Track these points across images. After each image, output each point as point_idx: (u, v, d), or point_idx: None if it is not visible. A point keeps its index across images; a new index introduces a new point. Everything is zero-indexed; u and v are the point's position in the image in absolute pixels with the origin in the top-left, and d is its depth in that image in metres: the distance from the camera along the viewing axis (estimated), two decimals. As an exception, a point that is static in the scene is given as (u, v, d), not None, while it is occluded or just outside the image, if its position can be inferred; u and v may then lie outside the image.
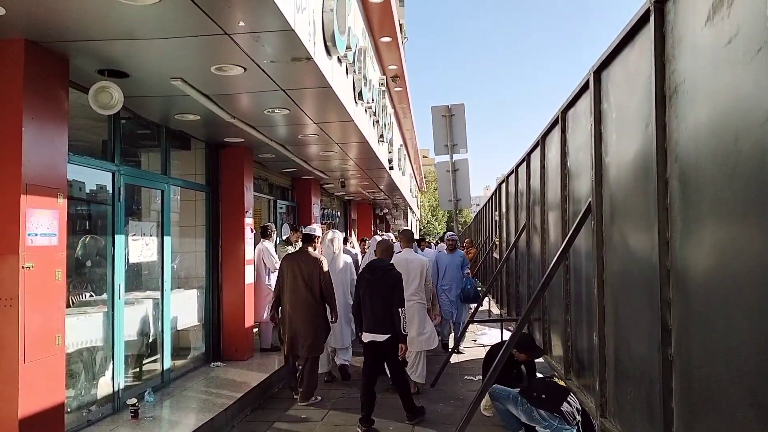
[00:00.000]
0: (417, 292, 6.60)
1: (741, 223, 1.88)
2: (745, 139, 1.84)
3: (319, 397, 6.39)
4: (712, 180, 2.06)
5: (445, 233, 11.14)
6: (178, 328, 6.99)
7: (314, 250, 6.52)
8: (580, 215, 3.73)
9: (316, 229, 6.74)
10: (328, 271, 6.35)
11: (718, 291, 2.01)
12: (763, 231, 1.73)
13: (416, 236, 18.35)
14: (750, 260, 1.80)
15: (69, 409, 4.81)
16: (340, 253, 7.35)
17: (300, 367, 6.39)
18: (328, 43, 4.94)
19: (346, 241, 10.37)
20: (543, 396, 4.51)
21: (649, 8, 2.57)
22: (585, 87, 3.75)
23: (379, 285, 5.49)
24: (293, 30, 3.81)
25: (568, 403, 4.38)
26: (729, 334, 1.95)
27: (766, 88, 1.71)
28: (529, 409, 4.55)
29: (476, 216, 20.85)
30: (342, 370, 7.29)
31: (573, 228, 3.82)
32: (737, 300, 1.89)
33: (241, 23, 3.66)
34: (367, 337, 5.55)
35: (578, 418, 4.34)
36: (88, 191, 5.84)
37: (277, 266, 7.52)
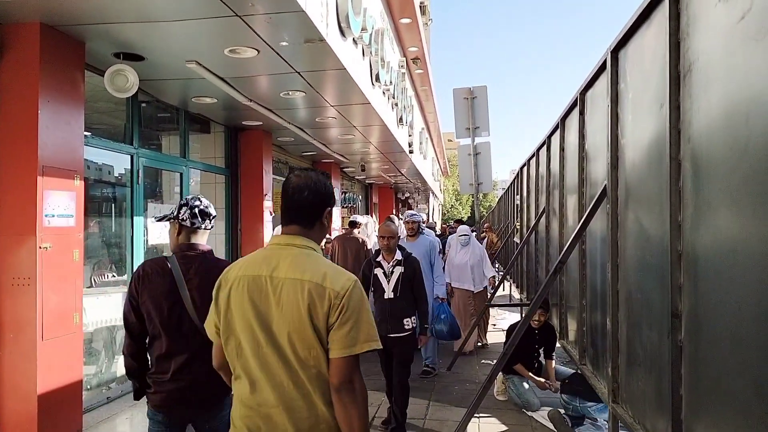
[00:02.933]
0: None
1: (749, 207, 1.81)
2: (756, 119, 1.77)
3: None
4: (722, 162, 1.99)
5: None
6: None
7: (358, 232, 8.05)
8: (595, 198, 3.66)
9: (358, 217, 8.27)
10: (370, 249, 7.75)
11: (725, 277, 1.95)
12: (771, 215, 1.67)
13: (436, 221, 18.13)
14: (756, 245, 1.74)
15: (89, 387, 4.94)
16: (372, 236, 8.53)
17: None
18: (342, 25, 4.90)
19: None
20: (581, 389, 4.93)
21: (664, -17, 2.47)
22: (603, 67, 3.64)
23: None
24: (304, 11, 3.78)
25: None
26: (735, 322, 1.89)
27: (779, 65, 1.64)
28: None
29: (499, 200, 20.66)
30: None
31: (588, 211, 3.75)
32: (742, 287, 1.83)
33: (252, 4, 3.64)
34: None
35: None
36: (107, 173, 5.92)
37: None
